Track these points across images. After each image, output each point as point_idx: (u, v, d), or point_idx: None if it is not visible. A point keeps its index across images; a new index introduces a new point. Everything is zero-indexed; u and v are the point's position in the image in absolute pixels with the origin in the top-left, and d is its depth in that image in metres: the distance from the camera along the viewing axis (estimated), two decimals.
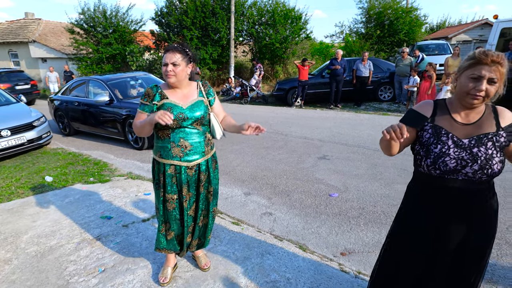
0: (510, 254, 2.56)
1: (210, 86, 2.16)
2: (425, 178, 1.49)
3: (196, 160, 2.03)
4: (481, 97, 1.33)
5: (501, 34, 7.82)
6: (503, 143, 1.37)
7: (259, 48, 15.21)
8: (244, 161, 5.05)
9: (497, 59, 1.30)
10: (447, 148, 1.38)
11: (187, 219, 2.13)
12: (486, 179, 1.37)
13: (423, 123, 1.47)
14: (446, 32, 23.78)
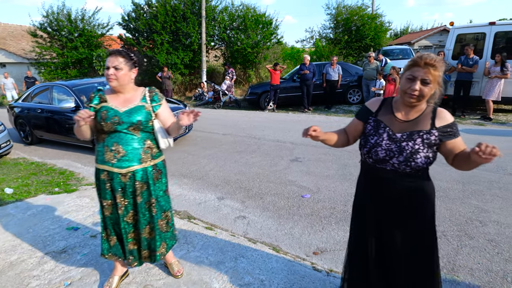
0: (470, 245, 2.72)
1: (157, 92, 2.08)
2: (364, 165, 1.68)
3: (130, 167, 1.93)
4: (416, 96, 1.45)
5: (457, 40, 8.35)
6: (433, 141, 1.47)
7: (231, 52, 15.26)
8: (217, 166, 5.02)
9: (430, 62, 1.41)
10: (381, 140, 1.53)
11: (124, 226, 2.04)
12: (410, 171, 1.49)
13: (368, 117, 1.64)
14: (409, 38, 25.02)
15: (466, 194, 3.65)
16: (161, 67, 13.15)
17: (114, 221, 2.08)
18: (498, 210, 3.26)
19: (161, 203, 2.10)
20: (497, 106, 8.34)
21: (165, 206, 2.14)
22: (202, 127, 7.83)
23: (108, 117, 1.89)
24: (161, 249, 2.16)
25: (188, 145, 6.31)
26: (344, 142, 1.77)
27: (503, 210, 3.26)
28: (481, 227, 2.97)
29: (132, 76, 1.98)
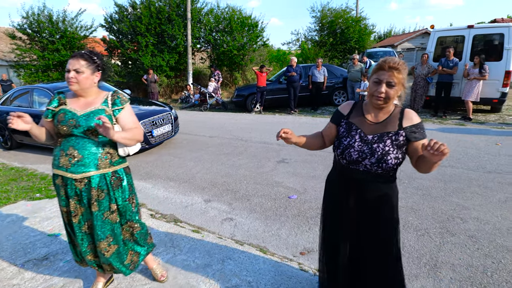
0: (451, 241, 2.80)
1: (120, 96, 1.98)
2: (337, 166, 1.72)
3: (85, 173, 1.83)
4: (382, 98, 1.51)
5: (437, 42, 8.58)
6: (401, 142, 1.53)
7: (217, 55, 15.24)
8: (203, 168, 5.00)
9: (393, 65, 1.48)
10: (353, 142, 1.58)
11: (81, 236, 1.95)
12: (381, 172, 1.55)
13: (340, 119, 1.70)
14: (392, 41, 25.58)
15: (447, 192, 3.74)
16: (146, 70, 13.00)
17: (72, 229, 1.99)
18: (478, 207, 3.36)
19: (122, 213, 1.98)
20: (476, 107, 8.60)
21: (128, 216, 2.02)
22: (188, 130, 7.78)
23: (64, 119, 1.83)
24: (130, 259, 2.07)
25: (174, 148, 6.25)
26: (320, 144, 1.84)
27: (483, 207, 3.36)
28: (462, 224, 3.06)
29: (95, 80, 1.91)
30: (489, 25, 8.80)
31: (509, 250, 2.64)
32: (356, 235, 1.68)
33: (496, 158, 4.82)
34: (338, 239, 1.74)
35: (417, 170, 1.55)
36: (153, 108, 6.43)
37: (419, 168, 1.53)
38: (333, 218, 1.77)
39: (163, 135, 6.03)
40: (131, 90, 11.47)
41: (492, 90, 7.74)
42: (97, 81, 1.94)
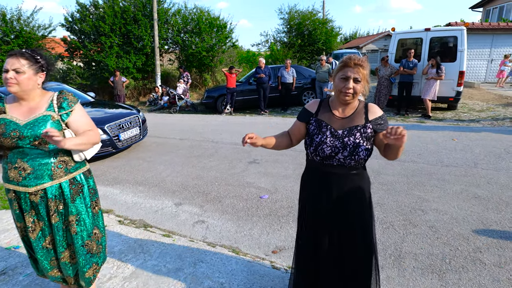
0: (414, 232, 2.95)
1: (66, 98, 1.82)
2: (311, 163, 1.76)
3: (40, 185, 1.71)
4: (350, 94, 1.59)
5: (398, 44, 9.02)
6: (369, 134, 1.63)
7: (186, 56, 15.02)
8: (174, 171, 4.91)
9: (358, 62, 1.57)
10: (325, 138, 1.64)
11: (42, 252, 1.84)
12: (355, 165, 1.64)
13: (309, 118, 1.74)
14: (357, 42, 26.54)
15: (410, 186, 3.95)
16: (111, 72, 12.55)
17: (29, 245, 1.87)
18: (437, 199, 3.57)
19: (85, 221, 1.86)
20: (435, 105, 9.13)
21: (92, 223, 1.91)
22: (157, 133, 7.60)
23: (5, 131, 1.65)
24: (90, 272, 1.96)
25: (143, 151, 6.09)
26: (287, 143, 1.85)
27: (441, 199, 3.58)
28: (423, 215, 3.24)
29: (38, 81, 1.74)
30: (444, 28, 9.38)
31: (465, 237, 2.83)
32: (334, 228, 1.71)
33: (452, 152, 5.15)
34: (315, 236, 1.76)
35: (387, 158, 1.66)
36: (120, 111, 6.22)
37: (388, 155, 1.63)
38: (310, 215, 1.78)
39: (130, 138, 5.85)
40: (96, 93, 10.97)
41: (448, 89, 8.26)
42: (41, 83, 1.78)
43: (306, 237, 1.82)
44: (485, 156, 4.91)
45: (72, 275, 1.93)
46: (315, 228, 1.76)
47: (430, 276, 2.37)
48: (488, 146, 5.40)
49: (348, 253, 1.71)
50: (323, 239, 1.74)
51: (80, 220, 1.84)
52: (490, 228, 2.96)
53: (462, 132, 6.43)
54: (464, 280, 2.31)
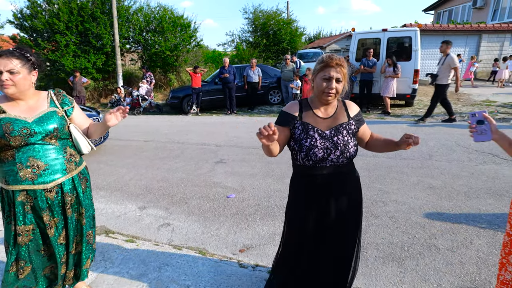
0: (375, 223, 3.08)
1: (65, 94, 1.91)
2: (302, 169, 1.70)
3: (56, 180, 1.75)
4: (333, 94, 1.58)
5: (359, 44, 9.38)
6: (354, 130, 1.67)
7: (149, 56, 14.60)
8: (137, 174, 4.74)
9: (339, 62, 1.58)
10: (315, 141, 1.60)
11: (58, 249, 1.85)
12: (347, 162, 1.65)
13: (294, 121, 1.67)
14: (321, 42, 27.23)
15: (371, 179, 4.11)
16: (68, 72, 11.88)
17: (34, 248, 1.82)
18: (396, 191, 3.75)
19: (90, 212, 1.98)
20: (394, 102, 9.60)
21: (93, 214, 2.03)
22: (120, 135, 7.30)
23: (14, 129, 1.63)
24: (88, 263, 2.07)
25: (104, 154, 5.81)
26: (278, 150, 1.65)
27: (400, 190, 3.76)
28: (384, 207, 3.39)
29: (33, 80, 1.73)
30: (399, 29, 9.90)
31: (421, 225, 3.00)
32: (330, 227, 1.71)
33: None
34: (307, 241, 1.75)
35: (372, 150, 1.78)
36: None
37: (376, 149, 1.77)
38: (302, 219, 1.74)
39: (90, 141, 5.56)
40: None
41: (405, 86, 8.72)
42: (35, 81, 1.75)
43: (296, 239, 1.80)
44: (439, 148, 5.24)
45: (73, 268, 2.01)
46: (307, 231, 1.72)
47: (390, 264, 2.48)
48: (441, 139, 5.77)
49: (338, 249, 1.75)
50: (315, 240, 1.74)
51: (87, 211, 1.94)
52: (444, 216, 3.16)
53: (418, 127, 6.82)
54: (421, 266, 2.44)
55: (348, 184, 1.72)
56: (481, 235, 2.80)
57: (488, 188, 3.70)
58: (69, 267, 1.97)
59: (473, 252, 2.57)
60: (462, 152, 4.99)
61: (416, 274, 2.35)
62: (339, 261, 1.80)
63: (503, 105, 8.93)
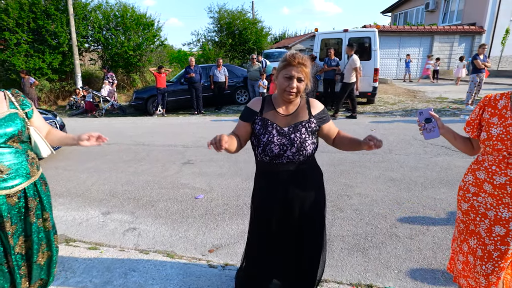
0: (341, 216, 3.19)
1: (24, 95, 1.83)
2: (260, 164, 1.73)
3: (20, 185, 1.67)
4: (294, 93, 1.60)
5: (322, 44, 9.64)
6: (314, 128, 1.68)
7: (110, 55, 13.99)
8: (100, 179, 4.53)
9: (301, 61, 1.57)
10: (272, 137, 1.62)
11: (16, 260, 1.74)
12: (304, 160, 1.66)
13: (254, 117, 1.69)
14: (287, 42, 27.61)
15: (336, 174, 4.25)
16: (18, 72, 11.08)
17: None
18: (359, 184, 3.91)
19: (51, 216, 1.91)
20: (357, 100, 9.95)
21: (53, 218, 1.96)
22: None
23: None
24: (55, 268, 2.02)
25: (62, 160, 5.50)
26: (239, 146, 1.68)
27: (363, 184, 3.93)
28: (348, 200, 3.52)
29: None
30: (359, 29, 10.30)
31: (383, 216, 3.15)
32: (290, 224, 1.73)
33: None
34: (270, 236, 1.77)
35: (338, 148, 1.79)
36: None
37: (342, 147, 1.77)
38: (265, 215, 1.76)
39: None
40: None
41: (366, 85, 9.09)
42: None
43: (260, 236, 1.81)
44: (398, 143, 5.53)
45: (45, 277, 1.94)
46: (271, 227, 1.75)
47: (355, 255, 2.58)
48: (400, 134, 6.10)
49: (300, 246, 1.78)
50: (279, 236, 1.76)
51: (50, 215, 1.88)
52: (403, 206, 3.34)
53: (379, 123, 7.15)
54: (384, 254, 2.57)
55: (307, 182, 1.71)
56: (436, 222, 3.00)
57: (441, 178, 3.97)
58: (34, 278, 1.86)
59: (430, 238, 2.74)
60: (418, 146, 5.31)
61: (379, 262, 2.46)
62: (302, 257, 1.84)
63: (454, 101, 9.61)
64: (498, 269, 1.55)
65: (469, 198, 1.61)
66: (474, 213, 1.60)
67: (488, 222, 1.54)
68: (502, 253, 1.52)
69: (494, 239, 1.53)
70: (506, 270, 1.64)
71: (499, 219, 1.50)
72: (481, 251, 1.58)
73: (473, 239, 1.62)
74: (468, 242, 1.65)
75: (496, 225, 1.52)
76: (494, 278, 1.57)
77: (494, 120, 1.50)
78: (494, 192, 1.50)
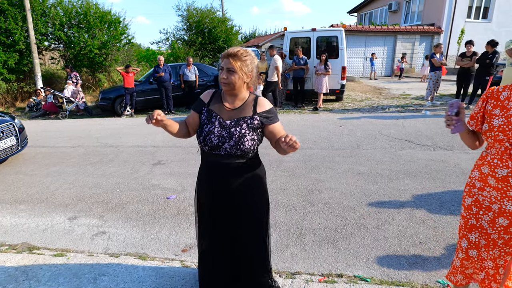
0: (312, 210, 3.27)
1: None
2: (203, 154, 1.78)
3: None
4: (226, 83, 1.65)
5: (291, 42, 9.79)
6: (256, 125, 1.68)
7: (74, 54, 13.35)
8: (65, 183, 4.33)
9: (231, 53, 1.62)
10: (213, 128, 1.67)
11: None
12: (241, 154, 1.66)
13: (201, 107, 1.77)
14: (257, 41, 27.70)
15: (307, 170, 4.35)
16: None
17: None
18: (329, 179, 4.03)
19: None
20: (326, 97, 10.24)
21: None
22: (42, 142, 6.59)
23: None
24: None
25: (23, 164, 5.19)
26: (185, 133, 1.83)
27: (333, 178, 4.05)
28: (319, 194, 3.62)
29: None
30: (327, 29, 10.56)
31: (352, 208, 3.28)
32: (228, 219, 1.76)
33: (340, 137, 5.88)
34: (212, 228, 1.79)
35: (277, 151, 1.73)
36: None
37: (278, 150, 1.70)
38: (203, 206, 1.81)
39: (4, 150, 4.92)
40: None
41: (335, 82, 9.36)
42: None
43: (203, 231, 1.85)
44: (365, 138, 5.75)
45: None
46: (209, 220, 1.78)
47: (326, 246, 2.66)
48: (367, 130, 6.34)
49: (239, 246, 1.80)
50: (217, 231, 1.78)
51: None
52: (370, 198, 3.49)
53: (347, 120, 7.39)
54: (353, 244, 2.67)
55: (242, 176, 1.71)
56: (401, 211, 3.17)
57: (405, 170, 4.18)
58: None
59: (395, 227, 2.89)
60: (384, 140, 5.55)
61: (349, 252, 2.56)
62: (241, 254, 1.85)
63: (416, 98, 10.13)
64: (504, 253, 1.59)
65: (475, 193, 1.64)
66: (477, 207, 1.63)
67: (491, 215, 1.58)
68: (506, 241, 1.57)
69: (498, 229, 1.57)
70: None
71: (503, 211, 1.54)
72: (484, 240, 1.62)
73: (473, 233, 1.66)
74: (468, 237, 1.68)
75: (499, 217, 1.55)
76: (501, 261, 1.61)
77: (496, 111, 1.52)
78: (498, 186, 1.53)
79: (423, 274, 2.27)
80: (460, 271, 1.78)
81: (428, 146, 5.11)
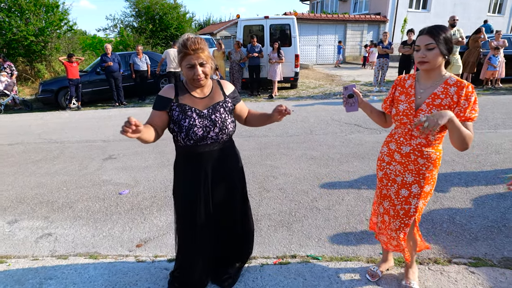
0: (267, 196, 3.35)
1: None
2: (183, 149, 1.74)
3: None
4: (203, 78, 1.62)
5: (245, 30, 9.72)
6: (231, 107, 1.77)
7: (6, 42, 12.06)
8: (3, 184, 3.97)
9: (195, 47, 1.54)
10: (193, 120, 1.64)
11: None
12: (227, 138, 1.76)
13: (170, 104, 1.67)
14: (211, 29, 27.13)
15: (262, 157, 4.43)
16: None
17: None
18: (284, 165, 4.15)
19: None
20: (281, 85, 10.39)
21: None
22: None
23: None
24: None
25: None
26: (156, 136, 1.65)
27: (288, 164, 4.17)
28: (274, 180, 3.71)
29: None
30: (279, 17, 10.62)
31: (305, 192, 3.41)
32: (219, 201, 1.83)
33: (294, 124, 6.04)
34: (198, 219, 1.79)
35: (250, 126, 1.91)
36: None
37: (254, 123, 1.90)
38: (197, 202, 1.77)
39: None
40: None
41: (289, 70, 9.53)
42: None
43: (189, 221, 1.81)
44: (318, 124, 5.97)
45: None
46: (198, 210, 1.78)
47: (281, 230, 2.76)
48: (319, 116, 6.57)
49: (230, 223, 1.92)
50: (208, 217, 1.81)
51: None
52: (322, 181, 3.65)
53: (301, 107, 7.60)
54: (306, 226, 2.80)
55: (230, 160, 1.84)
56: (349, 192, 3.36)
57: (354, 153, 4.43)
58: None
59: (344, 207, 3.07)
60: (335, 125, 5.81)
61: (302, 234, 2.68)
62: (233, 235, 1.96)
63: (365, 84, 10.67)
64: (404, 225, 1.80)
65: (384, 167, 1.83)
66: (386, 179, 1.83)
67: (396, 187, 1.78)
68: (406, 211, 1.78)
69: (401, 199, 1.78)
70: (418, 231, 1.91)
71: (405, 183, 1.74)
72: (392, 211, 1.83)
73: (386, 201, 1.86)
74: (383, 204, 1.90)
75: (402, 189, 1.76)
76: (401, 234, 1.82)
77: (402, 97, 1.71)
78: (402, 160, 1.73)
79: (369, 248, 2.46)
80: (381, 233, 2.01)
81: (375, 129, 5.45)
